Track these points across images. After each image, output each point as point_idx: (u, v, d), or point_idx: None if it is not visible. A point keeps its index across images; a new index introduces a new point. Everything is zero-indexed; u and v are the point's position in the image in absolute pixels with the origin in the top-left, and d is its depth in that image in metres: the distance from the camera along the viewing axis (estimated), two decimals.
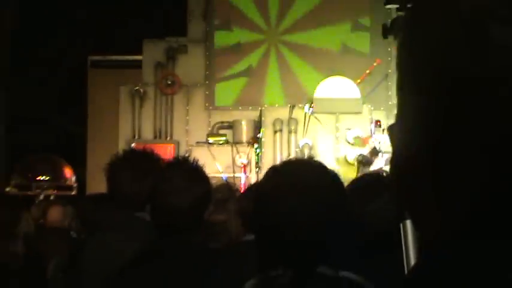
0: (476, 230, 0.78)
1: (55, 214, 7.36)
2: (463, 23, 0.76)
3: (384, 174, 3.75)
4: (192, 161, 3.17)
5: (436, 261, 0.81)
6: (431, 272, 0.81)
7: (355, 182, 3.49)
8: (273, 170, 2.37)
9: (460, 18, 0.76)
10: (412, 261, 2.14)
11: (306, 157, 11.18)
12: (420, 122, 0.81)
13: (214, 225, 3.97)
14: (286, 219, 2.16)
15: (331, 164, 11.46)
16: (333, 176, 2.30)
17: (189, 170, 3.10)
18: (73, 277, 3.40)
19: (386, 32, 2.41)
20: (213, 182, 3.75)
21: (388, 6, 2.38)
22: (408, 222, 2.13)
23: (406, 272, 2.11)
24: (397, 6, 2.36)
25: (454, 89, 0.76)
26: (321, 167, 2.35)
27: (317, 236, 2.17)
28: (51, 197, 12.23)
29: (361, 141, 11.24)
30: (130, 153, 3.45)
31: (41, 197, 12.28)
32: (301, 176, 2.23)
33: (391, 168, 0.89)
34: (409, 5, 2.35)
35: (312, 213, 2.15)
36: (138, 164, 3.23)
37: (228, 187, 5.29)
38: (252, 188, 5.11)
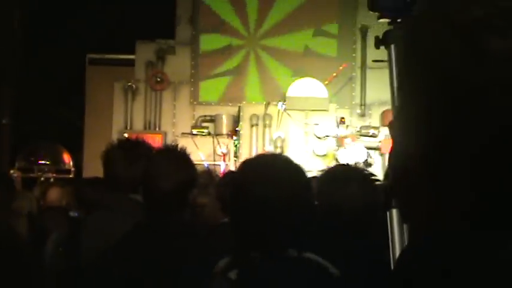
0: (473, 221, 0.76)
1: (53, 194, 7.35)
2: (461, 34, 0.73)
3: (355, 164, 3.73)
4: (179, 149, 3.18)
5: (430, 243, 0.78)
6: (425, 251, 0.78)
7: (326, 172, 3.47)
8: (246, 162, 2.38)
9: (457, 30, 0.74)
10: (397, 247, 2.08)
11: (276, 151, 11.24)
12: (419, 121, 0.79)
13: (197, 207, 3.97)
14: (256, 206, 2.17)
15: (301, 155, 11.53)
16: (297, 168, 2.31)
17: (176, 157, 3.11)
18: (72, 251, 3.41)
19: (378, 43, 2.41)
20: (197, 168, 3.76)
21: (381, 20, 2.38)
22: (394, 211, 2.07)
23: (391, 255, 2.06)
24: (389, 20, 2.36)
25: (451, 93, 0.74)
26: (287, 160, 2.36)
27: (283, 221, 2.17)
28: (51, 180, 12.20)
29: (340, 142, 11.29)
30: (124, 142, 3.45)
31: (42, 179, 12.24)
32: (269, 168, 2.25)
33: (390, 162, 0.86)
34: (399, 20, 2.34)
35: (278, 200, 2.16)
36: (131, 151, 3.23)
37: (209, 173, 5.28)
38: (228, 175, 5.11)
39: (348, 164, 3.65)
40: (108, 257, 2.82)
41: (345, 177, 3.15)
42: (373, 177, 3.37)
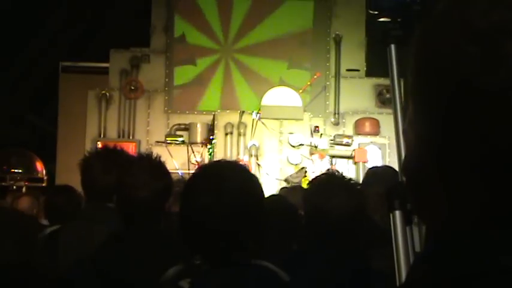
0: (480, 222, 0.76)
1: (25, 203, 7.34)
2: (480, 40, 0.73)
3: (338, 173, 3.76)
4: (154, 157, 3.18)
5: (443, 248, 0.78)
6: (440, 258, 0.78)
7: (315, 180, 3.51)
8: (196, 170, 2.38)
9: (476, 35, 0.73)
10: (401, 249, 2.06)
11: (250, 160, 11.27)
12: (434, 127, 0.79)
13: (172, 216, 3.97)
14: (203, 213, 2.17)
15: (275, 164, 11.57)
16: (248, 178, 2.30)
17: (151, 165, 3.10)
18: (48, 260, 3.39)
19: (377, 43, 2.40)
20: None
21: (381, 19, 2.37)
22: (397, 213, 2.06)
23: (395, 257, 2.04)
24: (389, 19, 2.36)
25: (468, 98, 0.74)
26: (239, 169, 2.35)
27: (230, 228, 2.16)
28: (23, 188, 12.09)
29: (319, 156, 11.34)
30: (102, 150, 3.44)
31: (14, 187, 12.13)
32: (216, 176, 2.24)
33: (403, 167, 0.86)
34: (399, 19, 2.34)
35: (226, 208, 2.15)
36: (109, 159, 3.22)
37: (184, 182, 5.28)
38: None
39: (333, 173, 3.70)
40: (85, 267, 2.81)
41: (331, 187, 3.20)
42: (358, 186, 3.42)
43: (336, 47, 13.03)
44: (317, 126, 12.13)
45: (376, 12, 2.39)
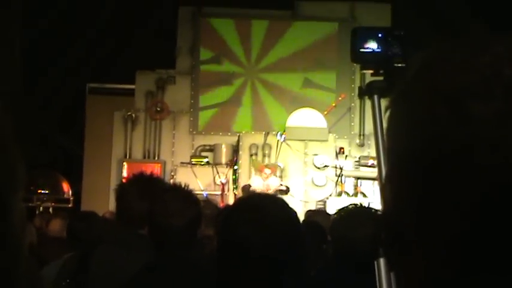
0: (455, 274, 0.79)
1: (55, 225, 7.37)
2: (448, 102, 0.78)
3: (366, 204, 3.79)
4: (184, 186, 3.21)
5: None
6: None
7: (342, 211, 3.54)
8: (235, 201, 2.39)
9: (444, 97, 0.78)
10: None
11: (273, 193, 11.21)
12: (406, 183, 0.82)
13: (203, 239, 3.98)
14: (236, 247, 2.18)
15: (300, 186, 11.56)
16: (288, 214, 2.31)
17: (183, 194, 3.13)
18: (80, 285, 3.42)
19: (361, 94, 2.48)
20: None
21: (364, 71, 2.45)
22: (382, 260, 2.10)
23: None
24: (371, 71, 2.44)
25: (438, 154, 0.78)
26: (279, 204, 2.36)
27: (265, 263, 2.17)
28: (50, 209, 12.20)
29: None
30: (138, 177, 3.47)
31: (41, 208, 12.24)
32: (256, 209, 2.24)
33: (382, 223, 0.89)
34: (381, 71, 2.41)
35: (260, 243, 2.16)
36: (144, 187, 3.25)
37: (214, 204, 5.29)
38: (226, 209, 5.11)
39: (361, 205, 3.73)
40: None
41: (359, 219, 3.23)
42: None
43: (360, 68, 13.04)
44: (342, 148, 12.12)
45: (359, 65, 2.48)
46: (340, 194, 11.38)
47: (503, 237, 0.76)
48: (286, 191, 10.72)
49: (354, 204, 3.64)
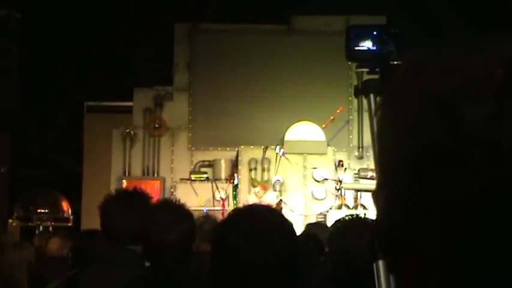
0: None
1: (54, 245, 7.34)
2: (436, 106, 0.76)
3: (363, 215, 3.77)
4: (175, 201, 3.20)
5: None
6: None
7: (339, 222, 3.53)
8: (232, 211, 2.37)
9: (433, 102, 0.76)
10: None
11: (276, 195, 11.19)
12: (396, 189, 0.80)
13: (203, 254, 3.95)
14: (230, 259, 2.15)
15: (299, 199, 11.52)
16: (286, 224, 2.28)
17: (175, 209, 3.12)
18: None
19: (357, 92, 2.45)
20: (195, 214, 3.78)
21: (359, 70, 2.43)
22: (380, 262, 2.07)
23: None
24: (367, 70, 2.41)
25: (429, 158, 0.76)
26: (274, 214, 2.33)
27: (262, 271, 2.14)
28: (50, 228, 12.17)
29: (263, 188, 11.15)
30: (122, 192, 3.46)
31: (41, 228, 12.21)
32: (250, 220, 2.22)
33: (376, 231, 0.87)
34: (377, 69, 2.38)
35: (253, 255, 2.13)
36: (128, 202, 3.24)
37: (214, 219, 5.25)
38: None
39: (357, 215, 3.72)
40: None
41: (356, 229, 3.21)
42: None
43: (358, 80, 13.05)
44: (341, 161, 12.10)
45: (355, 63, 2.44)
46: (340, 207, 11.33)
47: (497, 239, 0.75)
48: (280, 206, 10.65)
49: (351, 215, 3.63)
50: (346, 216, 3.65)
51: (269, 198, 10.67)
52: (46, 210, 12.83)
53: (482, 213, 0.74)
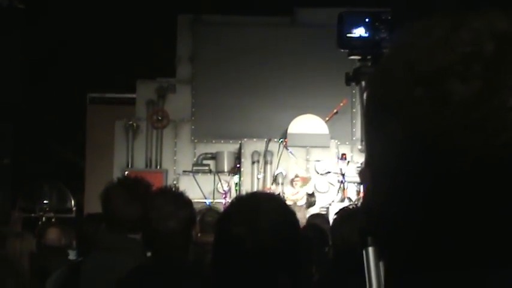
0: (449, 260, 0.77)
1: (52, 234, 7.34)
2: (424, 82, 0.75)
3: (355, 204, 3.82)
4: (174, 189, 3.21)
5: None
6: None
7: (342, 211, 3.60)
8: (235, 199, 2.36)
9: (420, 77, 0.75)
10: (374, 283, 2.08)
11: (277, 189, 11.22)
12: (386, 168, 0.80)
13: (204, 245, 3.96)
14: (232, 246, 2.14)
15: (302, 191, 11.50)
16: (288, 213, 2.27)
17: (175, 197, 3.12)
18: None
19: (349, 80, 2.42)
20: (198, 206, 3.77)
21: (351, 57, 2.40)
22: (370, 249, 2.06)
23: None
24: (359, 57, 2.38)
25: (416, 136, 0.75)
26: (275, 201, 2.32)
27: (264, 259, 2.13)
28: (53, 219, 12.18)
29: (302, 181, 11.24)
30: (123, 180, 3.46)
31: (43, 219, 12.23)
32: (251, 207, 2.20)
33: (363, 207, 0.87)
34: (369, 57, 2.36)
35: (254, 242, 2.12)
36: (130, 189, 3.23)
37: (216, 211, 5.28)
38: None
39: (356, 205, 3.77)
40: None
41: (353, 214, 3.23)
42: None
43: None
44: (344, 154, 12.07)
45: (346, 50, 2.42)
46: (343, 200, 11.33)
47: (482, 214, 0.74)
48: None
49: (355, 204, 3.63)
50: (350, 205, 3.67)
51: (302, 192, 10.76)
52: (49, 202, 12.84)
53: (469, 188, 0.74)
